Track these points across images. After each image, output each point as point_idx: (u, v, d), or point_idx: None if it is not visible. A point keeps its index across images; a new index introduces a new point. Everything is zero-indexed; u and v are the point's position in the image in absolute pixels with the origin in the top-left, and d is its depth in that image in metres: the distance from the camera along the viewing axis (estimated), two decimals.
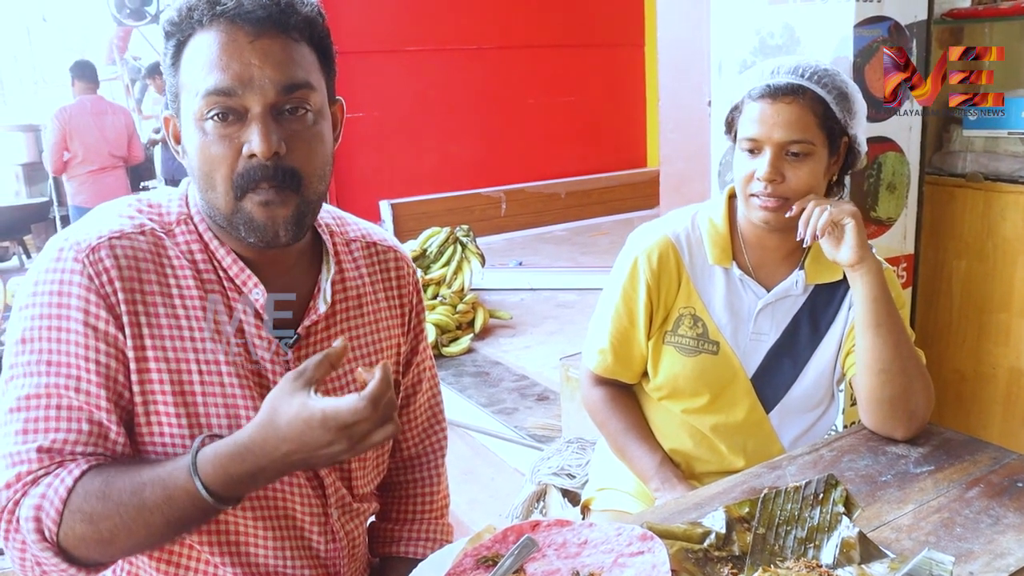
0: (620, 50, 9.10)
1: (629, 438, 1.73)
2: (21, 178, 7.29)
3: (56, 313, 1.07)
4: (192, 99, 1.08)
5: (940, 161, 2.65)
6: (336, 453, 1.02)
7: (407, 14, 7.61)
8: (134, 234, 1.12)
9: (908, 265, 2.51)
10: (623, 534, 1.15)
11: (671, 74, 3.27)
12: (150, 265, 1.12)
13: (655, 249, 1.66)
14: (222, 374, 1.14)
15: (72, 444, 1.07)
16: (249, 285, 1.17)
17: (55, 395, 1.07)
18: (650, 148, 9.48)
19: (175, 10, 1.10)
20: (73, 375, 1.07)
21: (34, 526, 1.03)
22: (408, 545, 1.47)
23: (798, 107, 1.50)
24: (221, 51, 1.07)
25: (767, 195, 1.53)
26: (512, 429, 3.71)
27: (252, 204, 1.10)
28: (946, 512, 1.30)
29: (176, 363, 1.12)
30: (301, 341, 1.22)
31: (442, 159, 8.00)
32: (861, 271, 1.50)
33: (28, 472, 1.05)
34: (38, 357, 1.07)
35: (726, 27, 2.58)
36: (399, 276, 1.39)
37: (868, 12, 2.23)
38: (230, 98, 1.07)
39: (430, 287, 4.99)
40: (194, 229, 1.17)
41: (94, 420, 1.08)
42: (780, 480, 1.42)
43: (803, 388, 1.66)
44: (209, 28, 1.08)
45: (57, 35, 11.03)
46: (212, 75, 1.06)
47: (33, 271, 1.11)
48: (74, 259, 1.08)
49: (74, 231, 1.12)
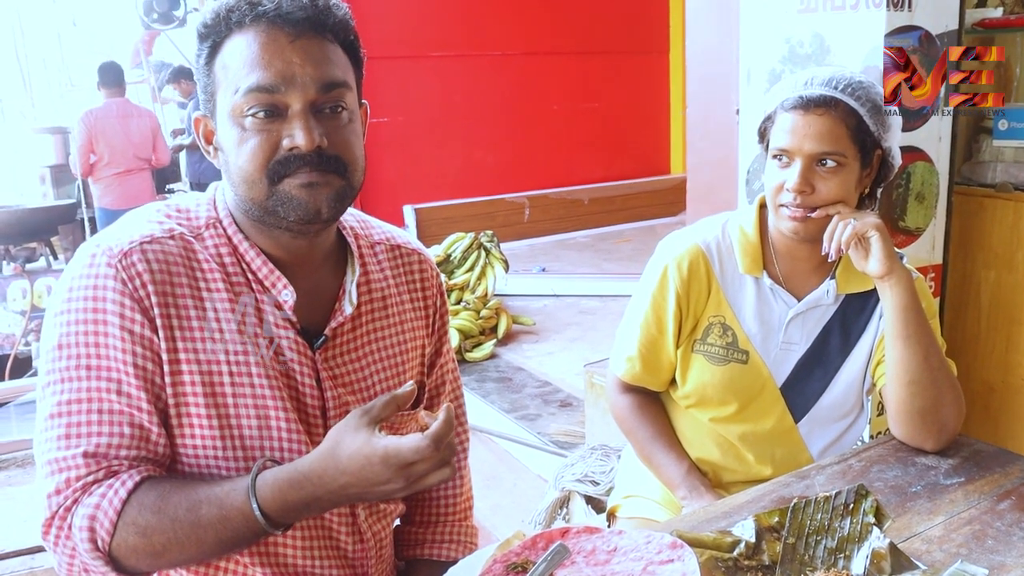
0: (644, 57, 9.09)
1: (656, 446, 1.73)
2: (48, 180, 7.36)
3: (92, 318, 1.08)
4: (230, 96, 1.10)
5: (970, 171, 2.63)
6: (391, 491, 1.05)
7: (432, 19, 7.65)
8: (164, 238, 1.14)
9: (936, 276, 2.50)
10: (653, 542, 1.15)
11: (699, 83, 3.27)
12: (180, 268, 1.13)
13: (685, 257, 1.66)
14: (252, 375, 1.16)
15: (116, 448, 1.08)
16: (279, 286, 1.18)
17: (96, 399, 1.08)
18: (674, 155, 9.46)
19: (211, 12, 1.12)
20: (113, 379, 1.08)
21: (87, 535, 1.04)
22: (433, 547, 1.48)
23: (830, 119, 1.50)
24: (262, 50, 1.09)
25: (796, 206, 1.52)
26: (535, 435, 3.71)
27: (291, 186, 1.11)
28: (977, 524, 1.29)
29: (207, 364, 1.13)
30: (328, 342, 1.23)
31: (466, 164, 8.02)
32: (890, 282, 1.50)
33: (77, 478, 1.06)
34: (76, 363, 1.08)
35: (755, 36, 2.57)
36: (423, 279, 1.40)
37: (899, 21, 2.22)
38: (272, 95, 1.09)
39: (454, 292, 5.00)
40: (223, 232, 1.19)
41: (135, 423, 1.10)
42: (809, 490, 1.42)
43: (833, 398, 1.66)
44: (248, 29, 1.10)
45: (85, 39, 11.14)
46: (254, 73, 1.08)
47: (66, 277, 1.12)
48: (107, 264, 1.09)
49: (105, 237, 1.13)
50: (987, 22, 2.46)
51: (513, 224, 8.04)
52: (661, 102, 9.33)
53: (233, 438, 1.15)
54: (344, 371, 1.26)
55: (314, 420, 1.22)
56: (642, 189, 8.97)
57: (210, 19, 1.12)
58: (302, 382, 1.20)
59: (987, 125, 2.58)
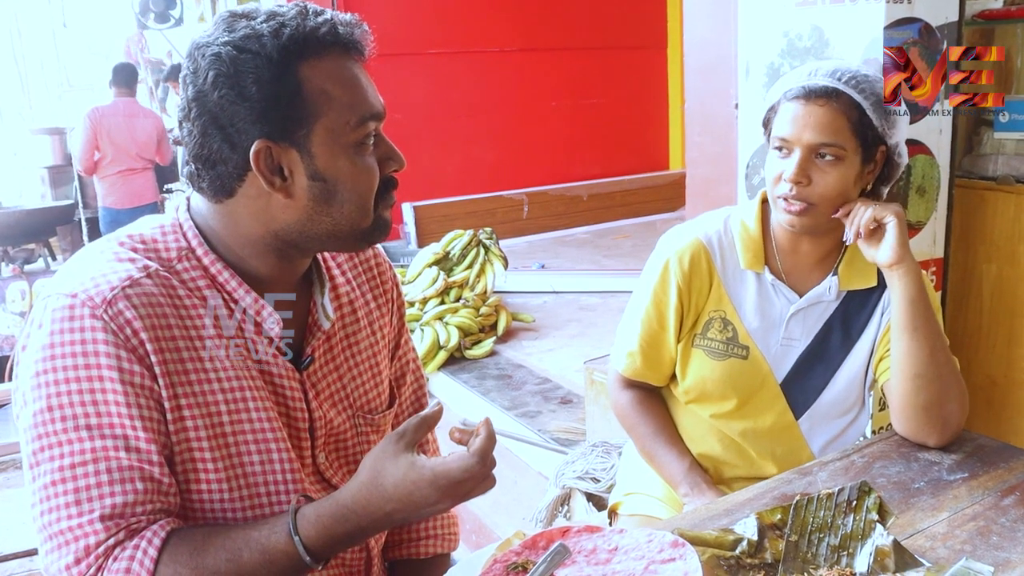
0: (642, 52, 9.07)
1: (658, 442, 1.72)
2: (47, 181, 7.36)
3: (86, 375, 1.01)
4: (341, 124, 1.08)
5: (970, 164, 2.62)
6: (439, 510, 1.07)
7: (429, 17, 7.62)
8: (142, 279, 1.07)
9: (938, 269, 2.48)
10: (654, 541, 1.14)
11: (697, 77, 3.25)
12: (167, 310, 1.08)
13: (687, 251, 1.65)
14: (249, 410, 1.13)
15: (132, 506, 1.03)
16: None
17: (103, 459, 1.02)
18: (672, 151, 9.44)
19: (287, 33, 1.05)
20: (119, 435, 1.03)
21: None
22: (412, 546, 1.48)
23: (831, 110, 1.49)
24: (357, 78, 1.11)
25: (792, 197, 1.51)
26: (535, 432, 3.69)
27: (384, 210, 1.16)
28: (981, 520, 1.28)
29: (206, 407, 1.10)
30: (311, 362, 1.22)
31: (464, 162, 8.00)
32: (900, 271, 1.48)
33: (97, 544, 1.01)
34: (75, 423, 1.02)
35: (753, 29, 2.56)
36: (380, 273, 1.39)
37: (898, 14, 2.20)
38: (378, 123, 1.13)
39: (453, 290, 4.99)
40: (197, 263, 1.13)
41: (147, 476, 1.04)
42: (811, 486, 1.41)
43: (834, 394, 1.65)
44: (329, 53, 1.09)
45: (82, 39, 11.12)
46: (364, 102, 1.11)
47: (42, 334, 1.03)
48: (91, 316, 1.02)
49: (74, 284, 1.05)
50: (987, 13, 2.44)
51: (512, 221, 8.02)
52: (659, 97, 9.30)
53: (238, 477, 1.13)
54: (325, 386, 1.25)
55: (304, 442, 1.21)
56: (641, 185, 8.94)
57: (283, 43, 1.04)
58: (293, 406, 1.19)
59: (988, 118, 2.56)
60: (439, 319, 4.69)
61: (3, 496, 1.78)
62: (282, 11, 1.07)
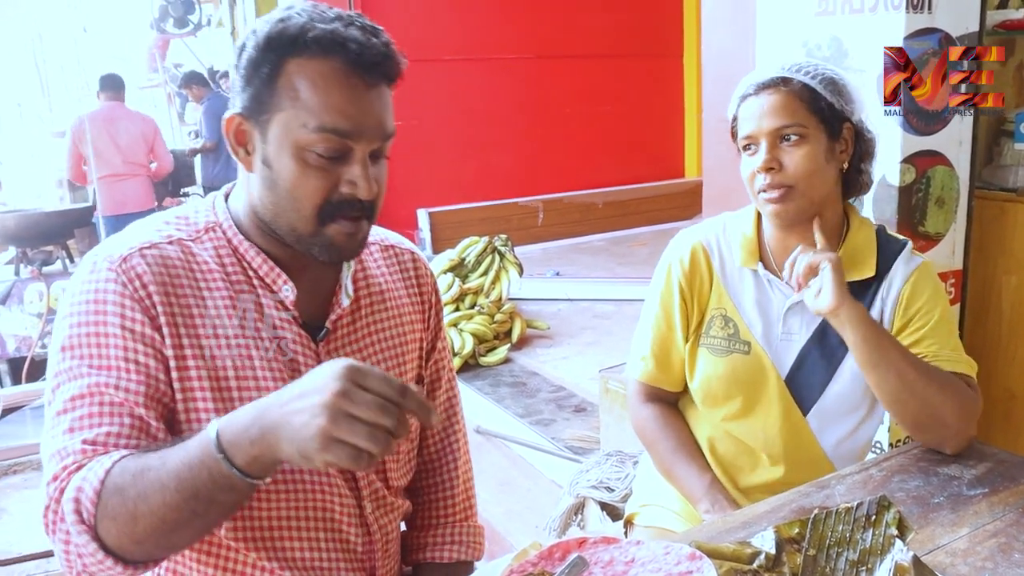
0: (658, 61, 9.06)
1: (678, 458, 1.72)
2: (65, 184, 7.40)
3: (94, 320, 1.13)
4: (297, 126, 1.12)
5: (990, 175, 2.61)
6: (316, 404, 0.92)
7: (446, 23, 7.64)
8: (162, 243, 1.19)
9: (957, 281, 2.47)
10: (671, 553, 1.13)
11: (715, 86, 3.25)
12: (180, 271, 1.18)
13: (687, 253, 1.72)
14: (255, 369, 1.19)
15: (115, 437, 1.10)
16: (279, 283, 1.23)
17: (97, 393, 1.11)
18: (688, 158, 9.43)
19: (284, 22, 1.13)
20: (114, 375, 1.12)
21: (73, 507, 1.03)
22: (435, 550, 1.50)
23: (782, 94, 1.56)
24: (342, 92, 1.12)
25: (769, 186, 1.57)
26: (549, 440, 3.69)
27: (335, 231, 1.17)
28: (1003, 537, 1.27)
29: (212, 361, 1.17)
30: (330, 335, 1.27)
31: (480, 168, 8.01)
32: (841, 317, 1.50)
33: (74, 463, 1.07)
34: (79, 362, 1.12)
35: (772, 39, 2.56)
36: (418, 275, 1.45)
37: (918, 24, 2.20)
38: (343, 140, 1.13)
39: (467, 296, 4.99)
40: (222, 235, 1.24)
41: (135, 415, 1.12)
42: (829, 500, 1.40)
43: (839, 388, 1.65)
44: (325, 59, 1.11)
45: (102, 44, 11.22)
46: (331, 115, 1.11)
47: (71, 285, 1.17)
48: (107, 269, 1.14)
49: (106, 246, 1.19)
50: (1008, 24, 2.43)
51: (527, 228, 8.02)
52: (675, 105, 9.29)
53: None
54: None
55: None
56: (657, 192, 8.93)
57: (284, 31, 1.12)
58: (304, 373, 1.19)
59: (1008, 128, 2.55)
60: (454, 326, 4.70)
61: (20, 497, 1.79)
62: (308, 9, 1.14)
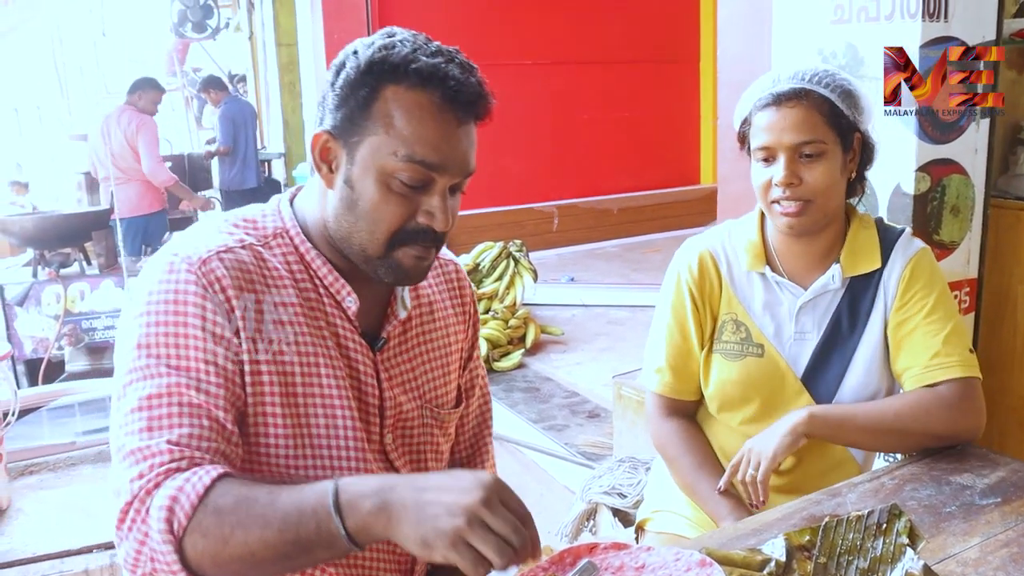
0: (674, 66, 9.07)
1: (700, 476, 1.70)
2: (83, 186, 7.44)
3: (174, 320, 1.13)
4: (386, 152, 1.15)
5: (1006, 184, 2.60)
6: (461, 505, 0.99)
7: (462, 29, 7.66)
8: (236, 247, 1.20)
9: (971, 290, 2.46)
10: (681, 559, 1.14)
11: (731, 92, 3.25)
12: (253, 276, 1.20)
13: (695, 260, 1.73)
14: (320, 376, 1.22)
15: (197, 439, 1.10)
16: (343, 293, 1.25)
17: (176, 394, 1.11)
18: (703, 165, 9.42)
19: (397, 54, 1.15)
20: (194, 376, 1.12)
21: (165, 515, 1.02)
22: None
23: (803, 109, 1.56)
24: (436, 126, 1.15)
25: (787, 199, 1.57)
26: (562, 446, 3.70)
27: (405, 256, 1.20)
28: (1015, 547, 1.27)
29: (281, 365, 1.19)
30: (385, 345, 1.31)
31: (495, 173, 8.02)
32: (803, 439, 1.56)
33: (161, 464, 1.07)
34: (157, 361, 1.12)
35: (787, 46, 2.55)
36: (460, 286, 1.49)
37: (935, 32, 2.19)
38: (428, 171, 1.16)
39: (482, 301, 5.00)
40: (290, 242, 1.26)
41: (212, 417, 1.12)
42: (840, 508, 1.40)
43: (855, 379, 1.65)
44: (423, 90, 1.15)
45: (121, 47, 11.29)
46: (423, 146, 1.14)
47: (144, 283, 1.18)
48: (187, 271, 1.15)
49: (180, 247, 1.19)
50: None
51: (542, 233, 8.04)
52: (691, 111, 9.29)
53: (303, 436, 1.21)
54: (398, 372, 1.33)
55: (373, 419, 1.29)
56: (672, 199, 8.94)
57: (387, 58, 1.15)
58: (365, 382, 1.27)
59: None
60: None
61: (36, 498, 1.81)
62: (411, 39, 1.18)
